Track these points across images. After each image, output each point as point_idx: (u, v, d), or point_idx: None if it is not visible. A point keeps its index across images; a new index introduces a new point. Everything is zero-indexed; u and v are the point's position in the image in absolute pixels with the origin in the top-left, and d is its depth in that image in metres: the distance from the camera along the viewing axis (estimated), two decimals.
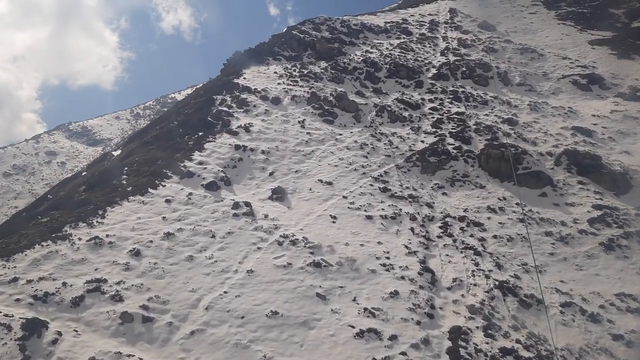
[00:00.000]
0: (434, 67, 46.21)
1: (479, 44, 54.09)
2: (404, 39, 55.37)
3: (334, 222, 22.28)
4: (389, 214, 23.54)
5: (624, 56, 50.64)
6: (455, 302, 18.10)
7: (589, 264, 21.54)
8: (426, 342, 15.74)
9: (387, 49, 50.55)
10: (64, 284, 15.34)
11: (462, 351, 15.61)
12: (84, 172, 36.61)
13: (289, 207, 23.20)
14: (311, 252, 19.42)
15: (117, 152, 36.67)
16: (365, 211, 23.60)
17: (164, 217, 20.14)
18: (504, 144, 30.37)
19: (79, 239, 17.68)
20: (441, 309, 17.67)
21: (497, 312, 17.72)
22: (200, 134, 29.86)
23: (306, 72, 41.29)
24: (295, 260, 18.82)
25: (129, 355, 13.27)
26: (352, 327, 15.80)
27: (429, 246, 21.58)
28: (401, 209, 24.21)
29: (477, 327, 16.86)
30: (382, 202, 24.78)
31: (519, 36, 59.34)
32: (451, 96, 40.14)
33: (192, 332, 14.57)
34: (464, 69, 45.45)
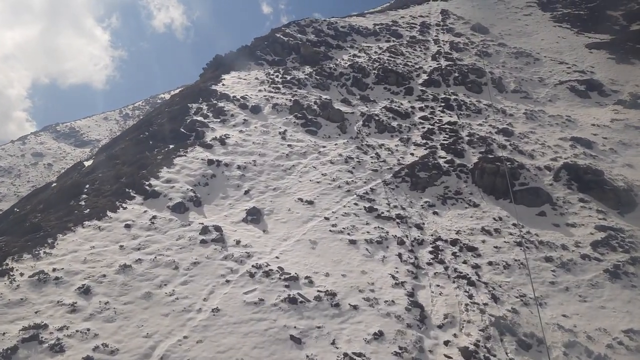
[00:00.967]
0: (425, 72, 44.77)
1: (472, 48, 52.78)
2: (393, 42, 53.98)
3: (314, 248, 20.59)
4: (374, 238, 21.88)
5: (623, 61, 49.43)
6: (447, 343, 16.43)
7: (593, 294, 19.95)
8: None
9: (375, 52, 49.08)
10: None
11: None
12: (54, 184, 34.75)
13: (264, 231, 21.47)
14: (287, 286, 17.70)
15: (88, 163, 34.79)
16: (348, 235, 21.93)
17: (121, 246, 18.35)
18: (499, 157, 28.83)
19: (21, 275, 15.84)
20: (431, 351, 15.99)
21: (494, 356, 16.07)
22: (171, 147, 28.13)
23: (289, 78, 39.65)
24: (268, 295, 17.09)
25: None
26: None
27: (417, 275, 19.92)
28: (388, 232, 22.57)
29: None
30: (367, 223, 23.12)
31: (514, 39, 58.14)
32: (443, 104, 38.66)
33: None
34: (457, 74, 44.04)
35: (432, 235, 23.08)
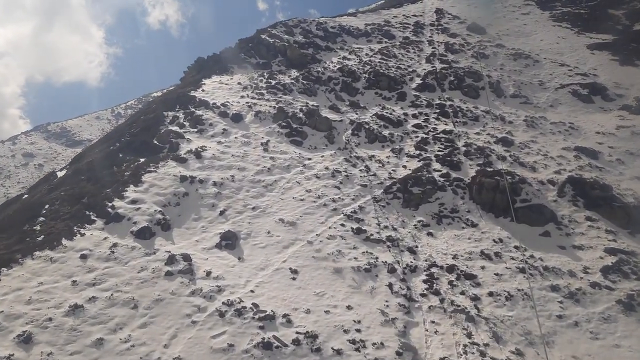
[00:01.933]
0: (419, 76, 43.13)
1: (468, 49, 51.21)
2: (385, 43, 52.32)
3: (294, 279, 18.80)
4: (362, 265, 20.11)
5: (627, 62, 47.95)
6: None
7: (605, 330, 18.22)
8: None
9: (367, 55, 47.40)
10: None
11: None
12: (25, 195, 32.84)
13: (239, 259, 19.67)
14: (261, 327, 15.91)
15: (61, 173, 32.84)
16: (333, 261, 20.16)
17: (74, 282, 16.52)
18: (498, 170, 27.14)
19: None
20: None
21: None
22: (141, 161, 26.28)
23: (274, 82, 37.87)
24: (239, 339, 15.29)
25: None
26: None
27: (410, 309, 18.16)
28: (377, 257, 20.81)
29: None
30: (354, 247, 21.36)
31: (512, 40, 56.59)
32: (437, 110, 37.02)
33: None
34: (452, 78, 42.43)
35: (426, 260, 21.33)
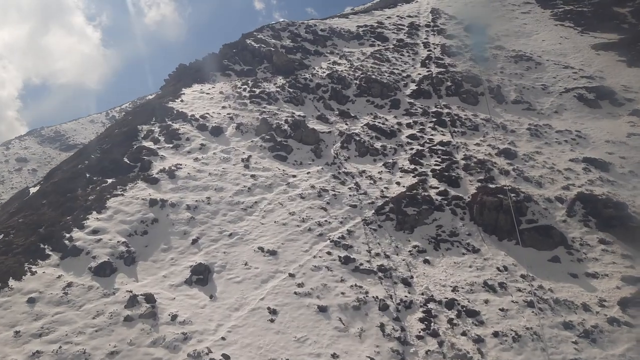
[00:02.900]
0: (414, 81, 41.43)
1: (466, 51, 49.46)
2: (378, 46, 50.65)
3: (273, 321, 16.99)
4: (350, 302, 18.30)
5: (635, 63, 46.18)
6: None
7: None
8: None
9: (358, 59, 45.72)
10: None
11: None
12: None
13: (211, 297, 17.84)
14: None
15: (35, 189, 30.91)
16: (318, 298, 18.36)
17: (17, 332, 14.69)
18: (501, 187, 25.38)
19: None
20: None
21: None
22: (109, 183, 24.46)
23: (258, 91, 36.08)
24: None
25: None
26: None
27: (404, 356, 16.35)
28: (368, 292, 19.01)
29: None
30: (342, 280, 19.56)
31: (512, 40, 54.93)
32: (434, 119, 35.27)
33: None
34: (449, 83, 40.74)
35: (422, 294, 19.50)
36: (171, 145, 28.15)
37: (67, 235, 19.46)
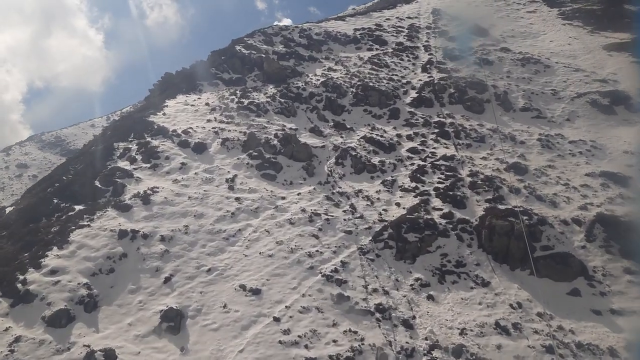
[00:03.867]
0: (414, 88, 39.39)
1: (470, 54, 47.34)
2: (376, 50, 48.64)
3: None
4: (343, 353, 16.23)
5: None
6: None
7: None
8: None
9: (355, 65, 43.74)
10: None
11: None
12: None
13: (182, 350, 15.80)
14: None
15: (10, 209, 28.87)
16: (306, 348, 16.30)
17: None
18: (512, 209, 23.31)
19: None
20: None
21: None
22: (76, 210, 22.44)
23: (247, 102, 34.06)
24: None
25: None
26: None
27: None
28: (363, 338, 16.93)
29: None
30: (334, 324, 17.50)
31: (518, 42, 52.84)
32: (436, 130, 33.21)
33: None
34: (452, 90, 38.66)
35: (426, 338, 17.41)
36: (149, 165, 26.15)
37: (21, 277, 17.44)
